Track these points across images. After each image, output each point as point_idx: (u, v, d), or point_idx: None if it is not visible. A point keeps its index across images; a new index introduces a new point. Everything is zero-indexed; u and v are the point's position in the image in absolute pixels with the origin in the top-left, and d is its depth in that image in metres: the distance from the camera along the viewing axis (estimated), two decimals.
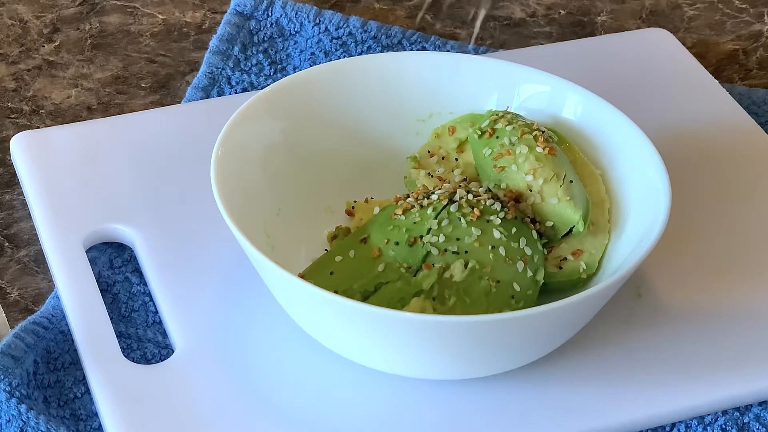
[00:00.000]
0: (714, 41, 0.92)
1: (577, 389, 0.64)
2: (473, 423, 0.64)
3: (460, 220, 0.66)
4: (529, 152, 0.68)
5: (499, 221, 0.66)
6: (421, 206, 0.67)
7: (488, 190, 0.69)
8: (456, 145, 0.73)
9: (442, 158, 0.73)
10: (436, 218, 0.66)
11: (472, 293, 0.64)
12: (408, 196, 0.68)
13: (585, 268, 0.68)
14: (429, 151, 0.73)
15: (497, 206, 0.67)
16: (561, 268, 0.68)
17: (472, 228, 0.66)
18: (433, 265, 0.65)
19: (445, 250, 0.65)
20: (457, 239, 0.66)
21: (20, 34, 0.90)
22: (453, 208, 0.66)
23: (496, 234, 0.66)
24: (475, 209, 0.66)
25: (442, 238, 0.66)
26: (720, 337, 0.68)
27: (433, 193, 0.68)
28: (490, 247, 0.66)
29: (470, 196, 0.67)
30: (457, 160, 0.72)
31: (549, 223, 0.68)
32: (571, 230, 0.68)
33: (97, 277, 0.71)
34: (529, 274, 0.66)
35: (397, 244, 0.66)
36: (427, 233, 0.66)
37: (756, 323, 0.69)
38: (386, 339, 0.62)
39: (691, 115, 0.82)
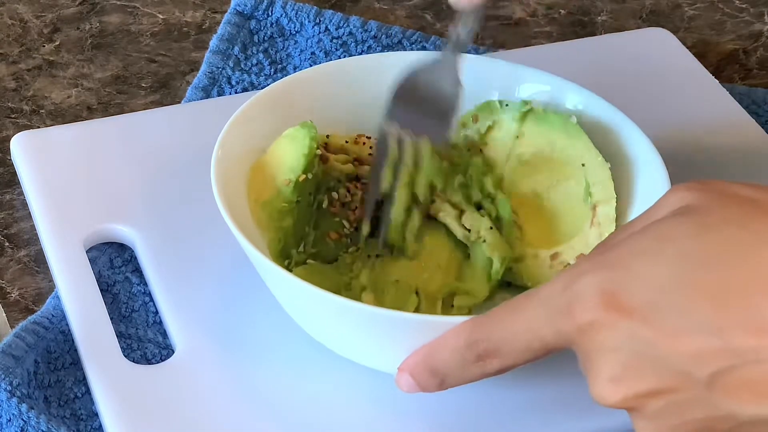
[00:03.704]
0: (714, 41, 0.92)
1: (577, 388, 0.64)
2: (473, 423, 0.64)
3: None
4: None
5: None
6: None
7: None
8: (479, 136, 0.72)
9: (468, 150, 0.72)
10: None
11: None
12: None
13: None
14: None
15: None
16: None
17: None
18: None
19: None
20: None
21: (20, 33, 0.90)
22: None
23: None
24: None
25: None
26: None
27: None
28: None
29: None
30: (481, 151, 0.72)
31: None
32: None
33: (97, 277, 0.71)
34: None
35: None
36: None
37: None
38: (386, 339, 0.62)
39: (691, 115, 0.82)
